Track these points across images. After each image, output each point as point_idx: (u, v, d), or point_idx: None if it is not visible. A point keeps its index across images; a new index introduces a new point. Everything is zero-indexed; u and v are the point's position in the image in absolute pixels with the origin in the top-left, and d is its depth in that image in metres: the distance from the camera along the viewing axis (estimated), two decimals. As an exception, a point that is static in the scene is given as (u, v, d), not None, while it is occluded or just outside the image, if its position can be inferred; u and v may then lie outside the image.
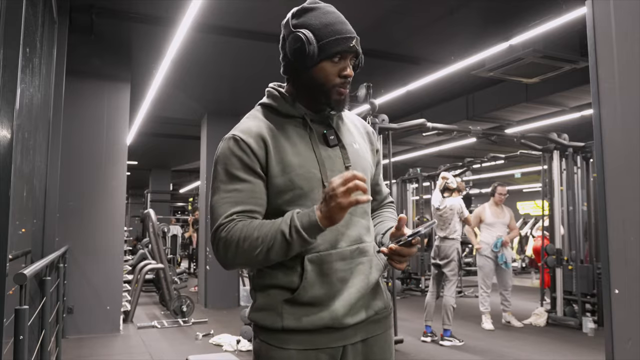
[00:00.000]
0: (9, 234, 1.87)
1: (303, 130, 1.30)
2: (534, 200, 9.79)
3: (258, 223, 1.19)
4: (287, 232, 1.13)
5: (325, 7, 1.30)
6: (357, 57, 1.31)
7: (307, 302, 1.23)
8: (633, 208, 1.48)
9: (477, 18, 5.29)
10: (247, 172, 1.23)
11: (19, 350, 1.80)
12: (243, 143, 1.23)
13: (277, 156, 1.24)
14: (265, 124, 1.29)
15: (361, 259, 1.29)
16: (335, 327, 1.24)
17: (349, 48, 1.25)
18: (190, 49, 5.43)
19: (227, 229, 1.19)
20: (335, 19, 1.27)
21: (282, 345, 1.23)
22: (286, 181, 1.24)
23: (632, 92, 1.51)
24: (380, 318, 1.34)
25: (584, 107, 7.50)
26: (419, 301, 7.25)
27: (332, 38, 1.24)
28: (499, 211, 6.18)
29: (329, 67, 1.26)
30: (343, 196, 1.07)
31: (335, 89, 1.27)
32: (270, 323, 1.24)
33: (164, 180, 15.70)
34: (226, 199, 1.22)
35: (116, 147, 5.77)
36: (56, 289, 3.78)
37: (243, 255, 1.17)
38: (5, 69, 1.93)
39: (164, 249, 7.51)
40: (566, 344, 5.23)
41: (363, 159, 1.36)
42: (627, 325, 1.47)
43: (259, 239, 1.15)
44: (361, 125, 1.47)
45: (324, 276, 1.23)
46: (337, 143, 1.31)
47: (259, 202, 1.24)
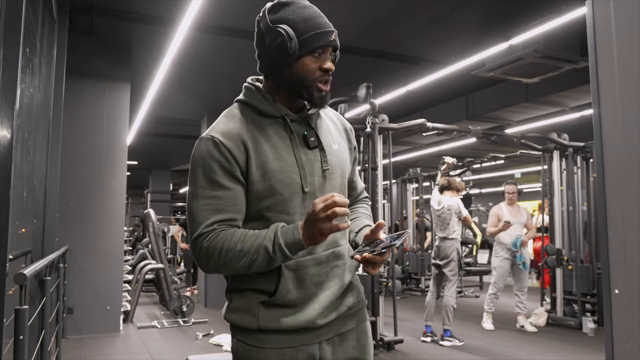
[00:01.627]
0: (9, 234, 1.86)
1: (283, 132, 1.27)
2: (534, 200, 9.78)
3: (240, 234, 1.19)
4: (271, 248, 1.16)
5: (301, 1, 1.27)
6: (335, 51, 1.30)
7: (283, 304, 1.25)
8: (633, 208, 1.48)
9: (477, 18, 5.29)
10: (227, 177, 1.21)
11: (19, 350, 1.80)
12: (223, 147, 1.21)
13: (257, 161, 1.22)
14: (245, 126, 1.26)
15: (336, 262, 1.31)
16: (310, 327, 1.26)
17: (329, 42, 1.24)
18: (190, 49, 5.43)
19: (209, 239, 1.19)
20: (313, 13, 1.25)
21: (259, 344, 1.25)
22: (266, 187, 1.22)
23: (632, 92, 1.51)
24: (353, 312, 1.36)
25: (584, 107, 7.50)
26: (419, 301, 7.25)
27: (312, 32, 1.22)
28: (515, 210, 6.03)
29: (310, 62, 1.24)
30: (324, 222, 1.10)
31: (316, 83, 1.25)
32: (246, 324, 1.26)
33: (164, 180, 15.70)
34: (206, 206, 1.21)
35: (116, 147, 5.77)
36: (56, 289, 3.78)
37: (225, 265, 1.19)
38: (5, 69, 1.93)
39: (164, 249, 7.51)
40: (566, 344, 5.23)
41: (342, 160, 1.36)
42: (627, 325, 1.47)
43: (242, 252, 1.17)
44: (339, 122, 1.45)
45: (300, 281, 1.25)
46: (317, 145, 1.30)
47: (239, 209, 1.23)
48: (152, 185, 15.28)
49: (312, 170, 1.27)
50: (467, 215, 5.50)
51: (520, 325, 5.90)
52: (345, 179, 1.37)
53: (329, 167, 1.30)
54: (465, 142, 9.76)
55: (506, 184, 6.23)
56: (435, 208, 5.49)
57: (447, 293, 5.19)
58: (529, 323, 5.89)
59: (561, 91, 6.73)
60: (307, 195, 1.25)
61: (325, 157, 1.30)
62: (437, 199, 5.53)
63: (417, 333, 5.47)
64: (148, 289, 8.94)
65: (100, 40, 5.49)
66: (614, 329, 1.51)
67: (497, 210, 6.09)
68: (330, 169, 1.30)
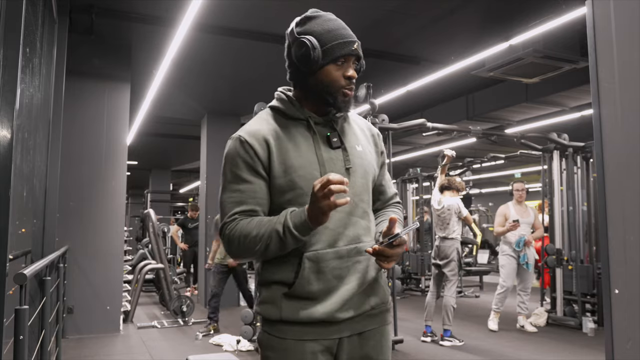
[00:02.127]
0: (9, 234, 1.86)
1: (307, 133, 1.37)
2: (534, 200, 9.78)
3: (257, 221, 1.29)
4: (281, 231, 1.24)
5: (327, 15, 1.38)
6: (358, 61, 1.38)
7: (304, 296, 1.31)
8: (633, 208, 1.48)
9: (477, 18, 5.29)
10: (250, 173, 1.32)
11: (19, 350, 1.80)
12: (247, 145, 1.33)
13: (279, 158, 1.32)
14: (271, 126, 1.37)
15: (358, 258, 1.35)
16: (330, 320, 1.31)
17: (351, 51, 1.33)
18: (190, 49, 5.43)
19: (230, 227, 1.31)
20: (337, 25, 1.35)
21: (281, 335, 1.33)
22: (287, 182, 1.32)
23: (632, 92, 1.51)
24: (376, 313, 1.40)
25: (584, 107, 7.50)
26: (419, 301, 7.25)
27: (335, 42, 1.32)
28: (522, 210, 5.97)
29: (333, 70, 1.33)
30: (322, 200, 1.16)
31: (341, 90, 1.34)
32: (271, 315, 1.34)
33: (164, 180, 15.69)
34: (231, 198, 1.33)
35: (116, 147, 5.77)
36: (56, 289, 3.78)
37: (245, 250, 1.30)
38: (5, 69, 1.93)
39: (164, 249, 7.51)
40: (566, 344, 5.23)
41: (365, 161, 1.42)
42: (627, 325, 1.47)
43: (257, 237, 1.26)
44: (367, 128, 1.52)
45: (320, 273, 1.31)
46: (339, 145, 1.38)
47: (260, 201, 1.33)
48: (152, 185, 15.27)
49: (333, 167, 1.34)
50: (467, 214, 5.49)
51: (520, 325, 5.89)
52: (368, 179, 1.42)
53: (351, 165, 1.37)
54: (465, 142, 9.76)
55: (514, 182, 6.16)
56: (436, 208, 5.48)
57: (447, 293, 5.19)
58: (529, 323, 5.88)
59: (561, 91, 6.72)
60: None
61: (348, 156, 1.38)
62: (437, 198, 5.53)
63: (417, 333, 5.47)
64: (148, 289, 8.95)
65: (100, 40, 5.49)
66: (614, 329, 1.51)
67: (504, 209, 6.02)
68: (353, 167, 1.37)
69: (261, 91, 7.45)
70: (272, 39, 5.43)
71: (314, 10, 1.39)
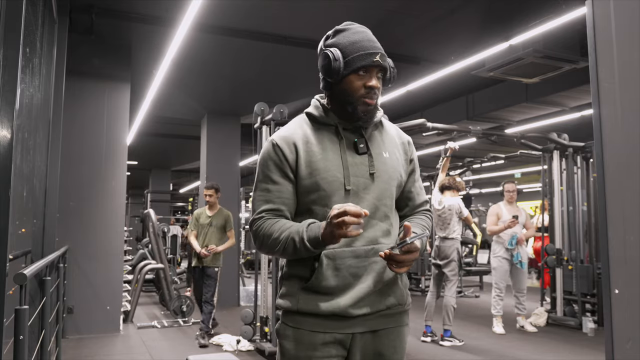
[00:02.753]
0: (9, 234, 1.86)
1: (335, 138, 1.46)
2: (534, 200, 9.80)
3: (281, 225, 1.39)
4: (297, 240, 1.34)
5: (357, 27, 1.47)
6: (384, 71, 1.45)
7: (320, 291, 1.39)
8: (633, 208, 1.48)
9: (477, 18, 5.29)
10: (278, 174, 1.43)
11: (19, 350, 1.80)
12: (278, 148, 1.44)
13: (306, 160, 1.42)
14: (303, 131, 1.47)
15: (375, 258, 1.40)
16: (343, 315, 1.38)
17: (372, 62, 1.40)
18: (190, 49, 5.43)
19: (257, 224, 1.43)
20: (362, 37, 1.43)
21: (296, 325, 1.42)
22: (312, 183, 1.41)
23: (632, 92, 1.51)
24: (392, 313, 1.46)
25: (584, 107, 7.50)
26: (419, 301, 7.25)
27: (357, 54, 1.40)
28: (514, 210, 5.97)
29: (355, 80, 1.41)
30: (337, 228, 1.23)
31: (361, 99, 1.41)
32: (288, 306, 1.43)
33: (164, 180, 15.69)
34: (260, 197, 1.46)
35: (116, 147, 5.77)
36: (56, 289, 3.78)
37: (267, 248, 1.42)
38: (5, 69, 1.93)
39: (164, 249, 7.50)
40: (566, 344, 5.23)
41: (391, 167, 1.48)
42: (627, 325, 1.47)
43: (277, 240, 1.38)
44: (397, 136, 1.58)
45: (336, 270, 1.39)
46: (365, 151, 1.45)
47: (286, 201, 1.44)
48: (152, 185, 15.27)
49: (357, 172, 1.43)
50: (467, 215, 5.49)
51: (520, 326, 5.88)
52: (391, 185, 1.48)
53: (375, 170, 1.44)
54: (465, 142, 9.76)
55: (505, 183, 6.19)
56: (437, 208, 5.48)
57: (447, 293, 5.19)
58: (528, 323, 5.87)
59: (561, 91, 6.72)
60: (350, 193, 1.42)
61: (373, 162, 1.45)
62: (437, 198, 5.52)
63: (417, 333, 5.47)
64: (148, 289, 8.94)
65: (100, 40, 5.49)
66: (614, 329, 1.51)
67: (496, 209, 6.05)
68: (377, 173, 1.45)
69: (261, 91, 7.46)
70: (272, 39, 5.43)
71: (347, 23, 1.47)
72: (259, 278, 5.14)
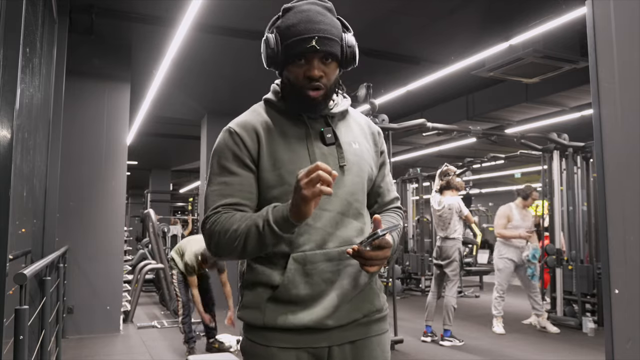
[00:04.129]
0: (9, 234, 1.86)
1: (300, 127, 1.29)
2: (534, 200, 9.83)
3: (240, 216, 1.19)
4: (261, 225, 1.14)
5: (301, 5, 1.25)
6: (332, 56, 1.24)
7: (289, 300, 1.22)
8: (633, 208, 1.48)
9: (477, 18, 5.29)
10: (237, 164, 1.25)
11: (19, 350, 1.80)
12: (236, 136, 1.26)
13: (268, 150, 1.25)
14: (263, 118, 1.30)
15: (350, 261, 1.24)
16: (318, 328, 1.22)
17: (306, 49, 1.20)
18: (190, 49, 5.43)
19: (211, 221, 1.21)
20: (302, 19, 1.22)
21: (265, 342, 1.23)
22: (275, 176, 1.24)
23: (632, 92, 1.50)
24: (370, 321, 1.31)
25: (584, 107, 7.50)
26: (419, 301, 7.25)
27: (291, 40, 1.22)
28: (524, 214, 5.90)
29: (295, 69, 1.24)
30: (306, 187, 1.04)
31: (304, 90, 1.24)
32: (253, 320, 1.24)
33: (164, 180, 15.69)
34: (215, 191, 1.25)
35: (116, 147, 5.77)
36: (56, 289, 3.78)
37: (224, 246, 1.19)
38: (5, 69, 1.93)
39: (164, 249, 7.50)
40: (566, 344, 5.23)
41: (361, 159, 1.33)
42: (627, 325, 1.47)
43: (236, 232, 1.16)
44: (366, 125, 1.43)
45: (307, 276, 1.22)
46: (333, 142, 1.29)
47: (247, 195, 1.25)
48: (152, 185, 15.27)
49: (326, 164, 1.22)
50: (468, 213, 5.48)
51: (541, 327, 5.80)
52: (363, 178, 1.33)
53: (345, 163, 1.28)
54: (465, 142, 9.76)
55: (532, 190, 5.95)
56: (436, 208, 5.48)
57: (448, 293, 5.18)
58: (549, 323, 5.79)
59: (561, 91, 6.72)
60: None
61: (342, 153, 1.29)
62: (437, 199, 5.52)
63: (417, 333, 5.47)
64: (148, 289, 8.94)
65: (100, 40, 5.49)
66: (614, 329, 1.51)
67: (507, 211, 5.92)
68: (347, 165, 1.29)
69: (261, 91, 7.40)
70: (272, 39, 5.42)
71: (295, 1, 1.27)
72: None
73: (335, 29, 1.25)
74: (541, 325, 5.85)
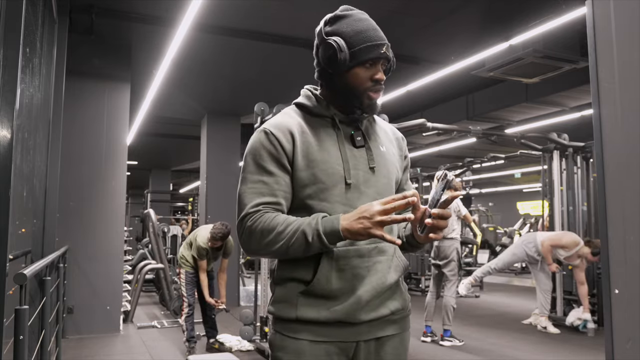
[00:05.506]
0: (9, 234, 1.86)
1: (331, 130, 1.35)
2: (534, 200, 9.79)
3: (283, 218, 1.24)
4: (310, 234, 1.19)
5: (358, 14, 1.35)
6: (388, 62, 1.36)
7: (322, 294, 1.26)
8: (633, 208, 1.48)
9: (477, 18, 5.29)
10: (274, 164, 1.29)
11: (19, 350, 1.80)
12: (272, 136, 1.30)
13: (303, 151, 1.30)
14: (296, 121, 1.35)
15: (379, 257, 1.31)
16: (349, 321, 1.27)
17: (379, 54, 1.30)
18: (190, 49, 5.43)
19: (253, 219, 1.25)
20: (367, 26, 1.32)
21: (295, 335, 1.27)
22: (309, 175, 1.29)
23: (632, 92, 1.50)
24: (396, 319, 1.37)
25: (584, 107, 7.50)
26: (419, 301, 7.24)
27: (364, 45, 1.29)
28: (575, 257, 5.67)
29: (361, 73, 1.31)
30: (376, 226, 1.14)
31: (367, 93, 1.32)
32: (285, 314, 1.29)
33: (164, 180, 15.70)
34: (253, 189, 1.29)
35: (116, 147, 5.77)
36: (56, 289, 3.77)
37: (265, 246, 1.24)
38: (5, 69, 1.93)
39: (164, 249, 7.50)
40: (566, 344, 5.23)
41: (389, 162, 1.40)
42: (627, 325, 1.47)
43: (282, 234, 1.21)
44: (391, 131, 1.51)
45: (339, 271, 1.27)
46: (363, 144, 1.36)
47: (284, 195, 1.30)
48: (152, 185, 15.28)
49: (357, 164, 1.33)
50: (466, 213, 5.48)
51: (542, 327, 5.80)
52: (390, 179, 1.40)
53: (375, 165, 1.35)
54: (465, 142, 9.76)
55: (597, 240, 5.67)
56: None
57: (447, 293, 5.18)
58: (550, 324, 5.80)
59: (561, 91, 6.72)
60: (350, 187, 1.30)
61: (372, 155, 1.36)
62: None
63: (417, 333, 5.47)
64: (148, 289, 8.94)
65: (100, 40, 5.49)
66: (614, 329, 1.51)
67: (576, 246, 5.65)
68: (377, 167, 1.35)
69: (261, 91, 7.46)
70: (272, 39, 5.42)
71: (345, 8, 1.36)
72: (259, 278, 5.15)
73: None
74: (541, 325, 5.85)
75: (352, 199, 1.29)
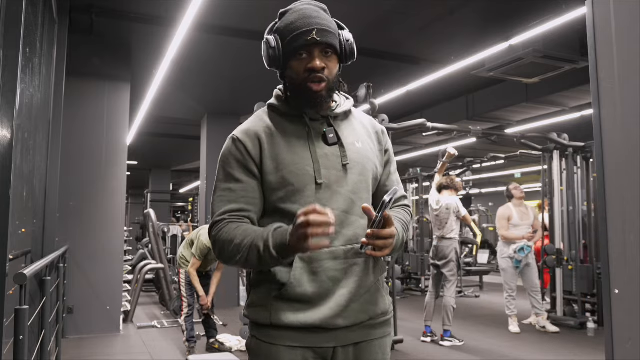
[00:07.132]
0: (9, 234, 1.86)
1: (302, 129, 1.31)
2: (534, 200, 9.80)
3: (243, 229, 1.22)
4: (261, 247, 1.16)
5: (296, 6, 1.30)
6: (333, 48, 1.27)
7: (296, 299, 1.22)
8: (633, 208, 1.48)
9: (477, 18, 5.29)
10: (241, 171, 1.28)
11: (19, 350, 1.80)
12: (239, 143, 1.29)
13: (271, 153, 1.27)
14: (265, 124, 1.32)
15: (356, 260, 1.26)
16: (325, 327, 1.22)
17: (306, 41, 1.23)
18: (190, 49, 5.43)
19: (217, 228, 1.25)
20: (299, 16, 1.26)
21: (271, 341, 1.24)
22: (279, 178, 1.26)
23: (632, 92, 1.51)
24: (375, 324, 1.31)
25: (584, 107, 7.50)
26: (419, 301, 7.25)
27: (291, 36, 1.25)
28: (523, 211, 5.92)
29: (296, 65, 1.27)
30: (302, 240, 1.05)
31: (306, 85, 1.26)
32: (260, 319, 1.25)
33: (164, 180, 15.70)
34: (221, 197, 1.28)
35: (116, 147, 5.77)
36: (56, 289, 3.77)
37: (229, 257, 1.23)
38: (5, 69, 1.93)
39: (164, 249, 7.50)
40: (566, 344, 5.23)
41: (365, 158, 1.34)
42: (627, 325, 1.47)
43: (240, 246, 1.19)
44: (370, 125, 1.45)
45: (313, 274, 1.23)
46: (335, 142, 1.31)
47: (252, 201, 1.28)
48: (152, 185, 15.28)
49: (328, 164, 1.28)
50: (466, 214, 5.47)
51: (540, 327, 5.80)
52: (367, 177, 1.34)
53: (348, 162, 1.30)
54: (465, 142, 9.76)
55: (513, 189, 6.05)
56: (434, 207, 5.46)
57: (446, 293, 5.18)
58: (549, 323, 5.80)
59: (561, 91, 6.73)
60: (322, 187, 1.26)
61: (345, 152, 1.30)
62: (435, 198, 5.51)
63: (417, 333, 5.47)
64: (148, 289, 8.94)
65: (100, 40, 5.49)
66: (614, 329, 1.51)
67: (507, 212, 5.95)
68: (350, 164, 1.30)
69: (261, 91, 7.42)
70: (272, 39, 5.42)
71: (294, 4, 1.32)
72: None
73: (332, 24, 1.29)
74: (541, 325, 5.84)
75: (324, 199, 1.24)
